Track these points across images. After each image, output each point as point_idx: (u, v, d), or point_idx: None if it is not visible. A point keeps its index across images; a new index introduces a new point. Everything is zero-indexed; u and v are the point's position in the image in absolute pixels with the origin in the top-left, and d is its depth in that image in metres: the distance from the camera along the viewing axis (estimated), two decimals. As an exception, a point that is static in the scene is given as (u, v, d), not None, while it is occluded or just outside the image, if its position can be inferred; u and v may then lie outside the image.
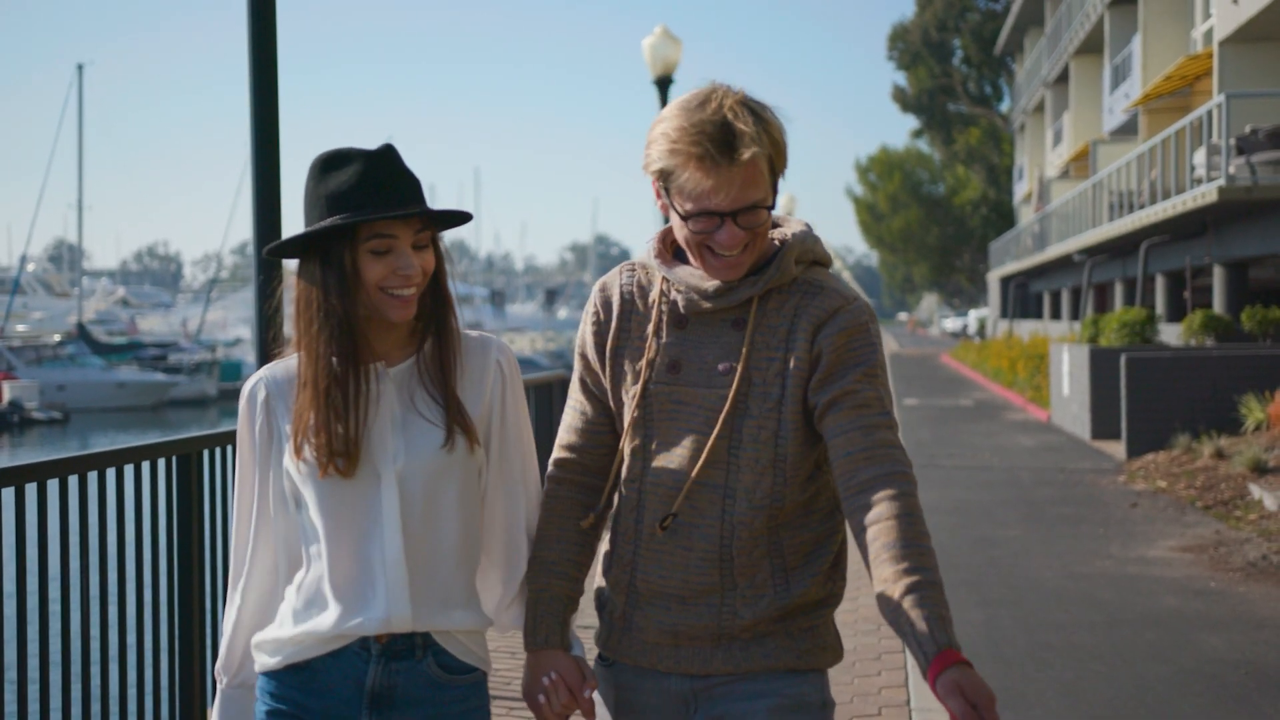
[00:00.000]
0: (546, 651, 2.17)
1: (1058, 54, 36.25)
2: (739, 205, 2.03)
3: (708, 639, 2.13)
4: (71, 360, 43.85)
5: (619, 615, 2.21)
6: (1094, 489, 11.57)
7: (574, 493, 2.26)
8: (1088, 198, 26.29)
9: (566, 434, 2.29)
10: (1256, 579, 7.53)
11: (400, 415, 2.17)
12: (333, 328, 2.12)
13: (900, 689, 5.24)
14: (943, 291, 79.08)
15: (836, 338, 2.08)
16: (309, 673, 2.17)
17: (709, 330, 2.13)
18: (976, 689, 1.78)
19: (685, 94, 2.10)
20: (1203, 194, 16.63)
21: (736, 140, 2.00)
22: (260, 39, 4.88)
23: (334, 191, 2.12)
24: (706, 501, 2.11)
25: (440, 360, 2.19)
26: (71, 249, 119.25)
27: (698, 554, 2.11)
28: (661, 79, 13.93)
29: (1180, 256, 20.26)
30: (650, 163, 2.09)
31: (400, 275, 2.12)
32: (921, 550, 1.95)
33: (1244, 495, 10.19)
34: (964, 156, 56.70)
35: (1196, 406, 13.23)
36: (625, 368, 2.19)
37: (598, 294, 2.26)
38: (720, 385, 2.10)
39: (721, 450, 2.10)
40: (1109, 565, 8.02)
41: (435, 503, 2.16)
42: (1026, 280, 40.38)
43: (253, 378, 2.26)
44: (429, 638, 2.16)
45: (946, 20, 54.11)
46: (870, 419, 2.05)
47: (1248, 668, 5.63)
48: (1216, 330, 15.28)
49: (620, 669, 2.22)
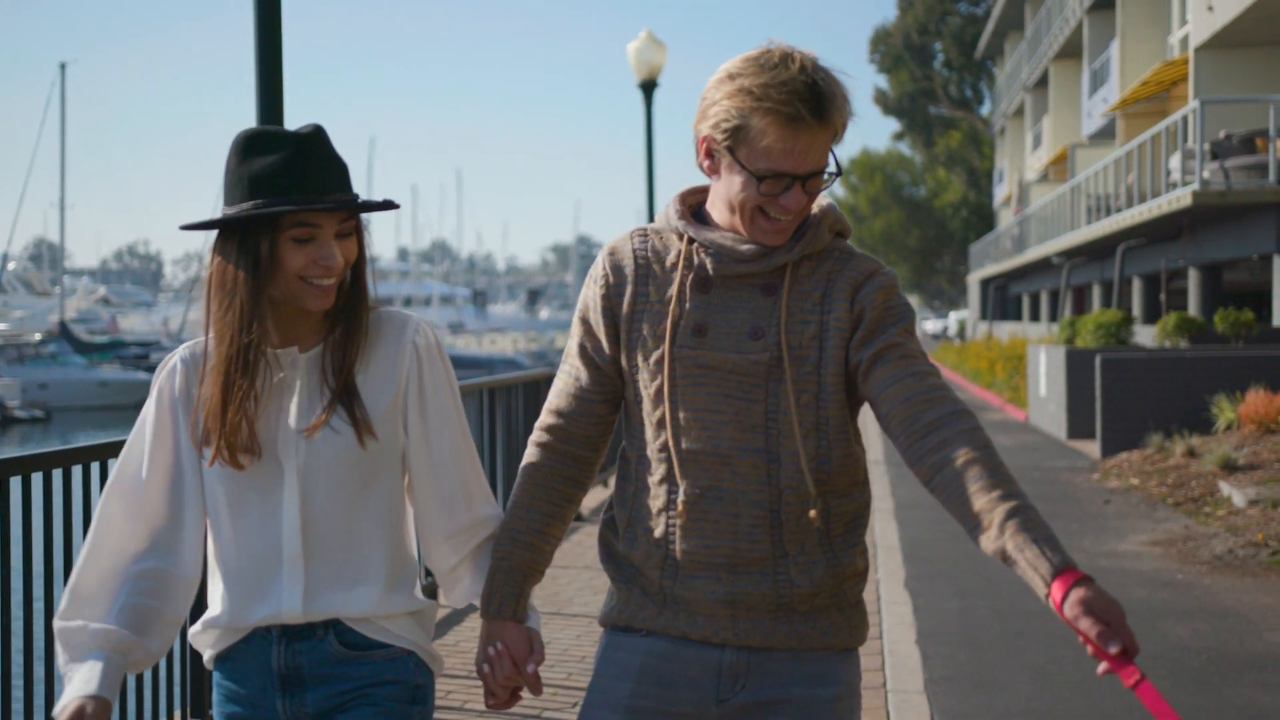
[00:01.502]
0: (498, 622, 2.15)
1: (1037, 58, 36.57)
2: (812, 169, 2.01)
3: (766, 609, 2.09)
4: (53, 359, 43.78)
5: (654, 590, 2.14)
6: (1069, 487, 11.82)
7: (555, 461, 2.21)
8: (1066, 201, 26.60)
9: (557, 399, 2.23)
10: (1222, 572, 7.78)
11: (306, 403, 2.12)
12: (244, 312, 2.05)
13: (877, 672, 5.46)
14: (923, 293, 79.43)
15: (876, 295, 2.07)
16: (231, 662, 2.17)
17: (735, 295, 2.09)
18: (1106, 606, 1.74)
19: (745, 54, 2.05)
20: (1177, 198, 16.92)
21: (827, 102, 1.98)
22: (266, 47, 4.98)
23: (257, 174, 2.04)
24: (750, 466, 2.06)
25: (344, 348, 2.13)
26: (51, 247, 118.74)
27: (746, 521, 2.07)
28: (646, 83, 14.13)
29: (1156, 259, 20.58)
30: (721, 119, 2.01)
31: (321, 265, 2.06)
32: (1012, 479, 1.93)
33: (1214, 492, 10.45)
34: (945, 159, 57.07)
35: (1170, 407, 13.49)
36: (644, 332, 2.12)
37: (607, 258, 2.19)
38: (751, 350, 2.06)
39: (759, 415, 2.06)
40: (1081, 558, 8.26)
41: (339, 492, 2.11)
42: (1006, 282, 40.72)
43: (171, 355, 2.19)
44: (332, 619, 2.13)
45: (928, 24, 54.45)
46: (920, 367, 2.04)
47: (1209, 654, 5.87)
48: (1190, 332, 15.55)
49: (655, 639, 2.14)
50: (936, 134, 57.01)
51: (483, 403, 7.75)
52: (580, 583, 7.16)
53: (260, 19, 4.97)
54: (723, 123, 2.01)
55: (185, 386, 2.15)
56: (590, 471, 2.24)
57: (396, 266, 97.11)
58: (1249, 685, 5.38)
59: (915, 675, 5.46)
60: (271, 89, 5.01)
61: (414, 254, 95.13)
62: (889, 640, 6.01)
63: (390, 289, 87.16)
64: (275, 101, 5.02)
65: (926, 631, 6.22)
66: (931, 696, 5.19)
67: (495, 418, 7.91)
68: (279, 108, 5.04)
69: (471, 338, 71.49)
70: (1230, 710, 5.07)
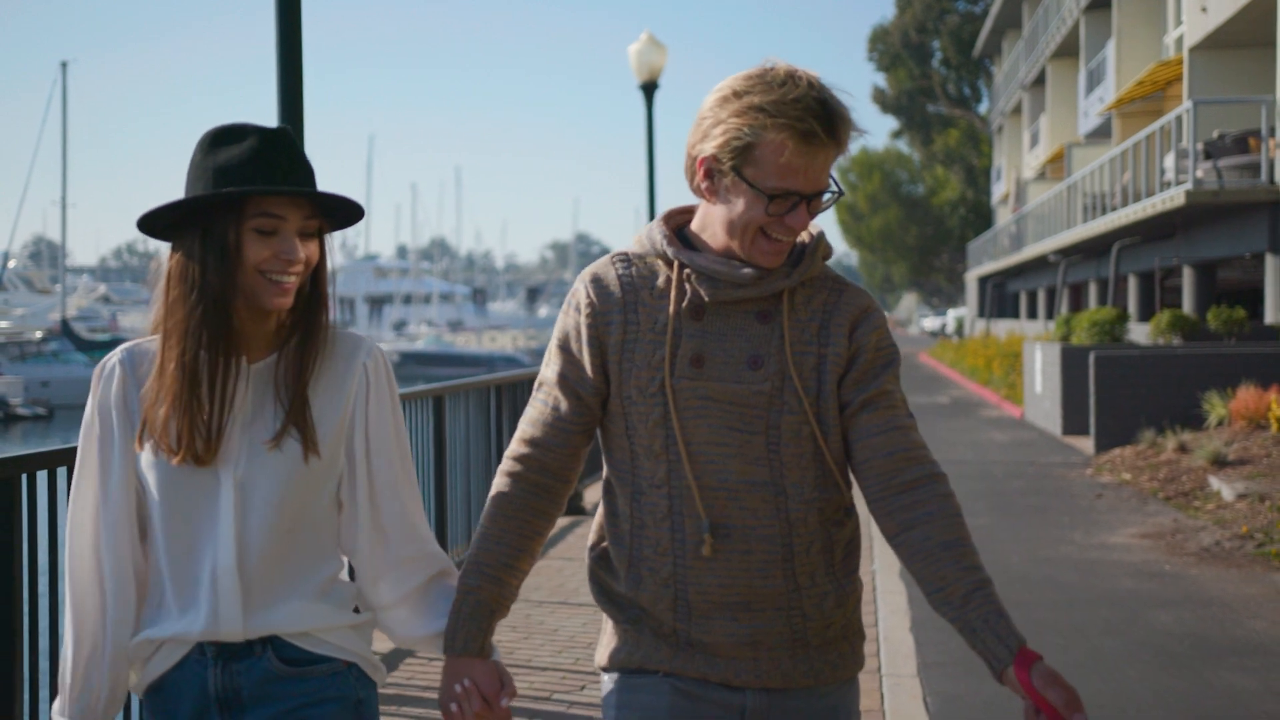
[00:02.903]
0: (464, 659, 2.06)
1: (1035, 57, 36.77)
2: (819, 187, 2.00)
3: (784, 647, 2.08)
4: (55, 357, 43.93)
5: (668, 632, 2.08)
6: (1062, 481, 12.05)
7: (527, 492, 2.12)
8: (1063, 199, 26.82)
9: (531, 428, 2.14)
10: (1208, 563, 8.01)
11: (250, 416, 2.05)
12: (206, 308, 1.99)
13: (873, 658, 5.68)
14: (922, 291, 79.67)
15: (871, 337, 2.07)
16: (161, 695, 2.09)
17: (731, 322, 2.05)
18: (1065, 681, 1.86)
19: (745, 72, 2.02)
20: (1171, 197, 17.14)
21: (839, 120, 1.97)
22: (287, 46, 5.09)
23: (223, 165, 2.00)
24: (759, 501, 2.03)
25: (300, 360, 2.06)
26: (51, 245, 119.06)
27: (759, 557, 2.04)
28: (647, 84, 14.33)
29: (1151, 258, 20.80)
30: (730, 137, 1.97)
31: (283, 259, 2.00)
32: (975, 550, 1.99)
33: (1203, 487, 10.68)
34: (943, 157, 57.30)
35: (1162, 403, 13.73)
36: (637, 362, 2.05)
37: (591, 285, 2.10)
38: (751, 381, 2.03)
39: (761, 447, 2.03)
40: (1071, 551, 8.50)
41: (277, 510, 2.04)
42: (1003, 280, 40.93)
43: (109, 358, 2.09)
44: (270, 635, 2.06)
45: (926, 22, 54.67)
46: (903, 420, 2.06)
47: (1192, 640, 6.10)
48: (1183, 329, 15.77)
49: (677, 680, 2.09)
50: (935, 132, 57.25)
51: (489, 400, 7.97)
52: (585, 574, 7.36)
53: (282, 21, 5.11)
54: (731, 141, 1.97)
55: (123, 391, 2.07)
56: (560, 503, 2.16)
57: (396, 264, 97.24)
58: (1229, 669, 5.61)
59: (909, 660, 5.69)
60: (292, 89, 5.13)
61: (413, 251, 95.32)
62: (884, 628, 6.23)
63: (390, 286, 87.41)
64: (295, 101, 5.14)
65: (920, 620, 6.44)
66: (924, 680, 5.41)
67: (502, 414, 8.12)
68: (299, 107, 5.15)
69: (471, 335, 71.62)
70: (1210, 692, 5.29)
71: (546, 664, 5.46)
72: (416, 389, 6.82)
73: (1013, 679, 1.88)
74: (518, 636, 5.95)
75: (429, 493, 6.86)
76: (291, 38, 5.15)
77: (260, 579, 2.04)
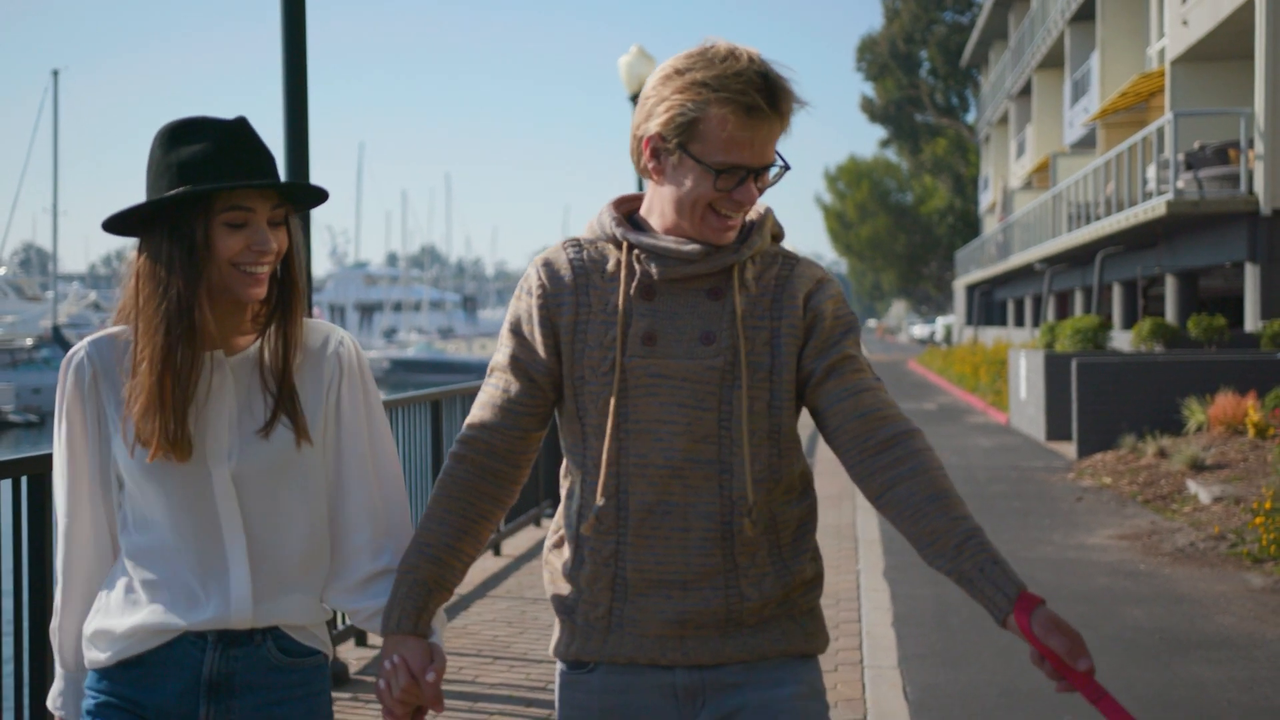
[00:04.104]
0: (398, 636, 2.04)
1: (1021, 68, 37.08)
2: (766, 161, 2.00)
3: (715, 626, 2.04)
4: (46, 364, 43.95)
5: (601, 614, 2.07)
6: (1044, 485, 12.31)
7: (471, 474, 2.10)
8: (1048, 208, 27.11)
9: (481, 411, 2.13)
10: (1182, 562, 8.27)
11: (236, 410, 2.06)
12: (176, 306, 1.98)
13: (855, 651, 5.92)
14: (911, 299, 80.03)
15: (827, 304, 2.07)
16: (141, 668, 2.06)
17: (681, 300, 2.04)
18: (1069, 626, 1.83)
19: (687, 51, 2.03)
20: (1153, 207, 17.43)
21: (781, 92, 1.97)
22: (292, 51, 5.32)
23: (186, 160, 1.99)
24: (702, 478, 2.01)
25: (282, 349, 2.07)
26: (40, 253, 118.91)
27: (697, 534, 2.02)
28: (636, 95, 14.59)
29: (1134, 266, 21.10)
30: (674, 114, 1.98)
31: (255, 250, 2.00)
32: (960, 499, 1.96)
33: (1181, 490, 10.94)
34: (931, 166, 57.64)
35: (1143, 409, 13.99)
36: (589, 342, 2.05)
37: (542, 269, 2.11)
38: (703, 356, 2.02)
39: (712, 424, 2.01)
40: (1050, 550, 8.75)
41: (274, 500, 2.07)
42: (991, 288, 41.25)
43: (76, 350, 2.09)
44: (273, 625, 2.09)
45: (914, 32, 55.03)
46: (870, 381, 2.05)
47: (1161, 634, 6.36)
48: (1165, 337, 16.05)
49: (605, 671, 2.08)
50: (923, 141, 57.59)
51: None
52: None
53: (287, 30, 5.33)
54: (676, 118, 1.97)
55: (94, 382, 2.07)
56: (511, 489, 2.13)
57: (386, 271, 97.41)
58: (1195, 661, 5.86)
59: (890, 653, 5.93)
60: (297, 97, 5.35)
61: (403, 259, 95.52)
62: (868, 623, 6.47)
63: (380, 294, 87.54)
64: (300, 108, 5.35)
65: (902, 615, 6.68)
66: (905, 671, 5.65)
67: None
68: (303, 114, 5.36)
69: (461, 342, 71.81)
70: (1176, 682, 5.54)
71: (541, 657, 5.68)
72: (414, 394, 7.05)
73: (1014, 626, 1.85)
74: (513, 631, 6.17)
75: (425, 494, 7.09)
76: (296, 46, 5.34)
77: (267, 568, 2.06)
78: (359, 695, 5.12)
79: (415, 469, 6.91)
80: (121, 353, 2.06)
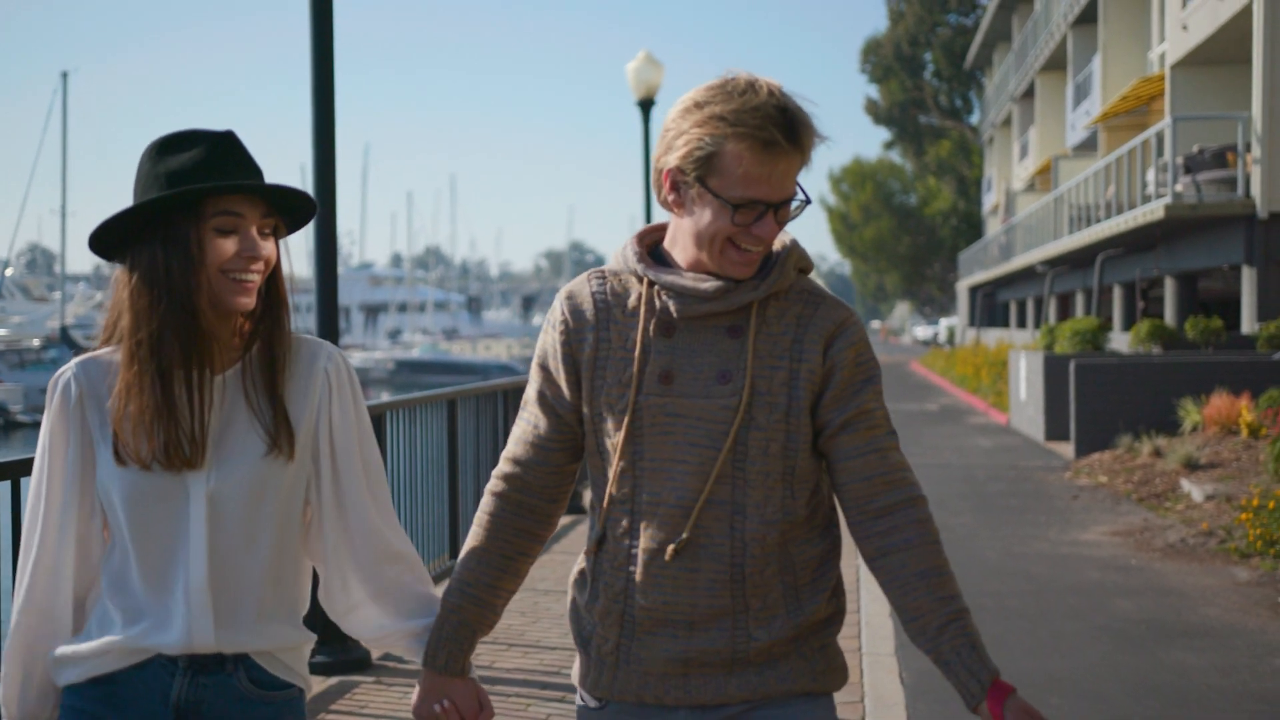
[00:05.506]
0: (444, 677, 2.09)
1: (1024, 70, 37.27)
2: (785, 196, 1.98)
3: (720, 665, 2.02)
4: (54, 364, 44.15)
5: (610, 649, 2.07)
6: (1041, 484, 12.59)
7: (511, 512, 2.13)
8: (1050, 211, 27.34)
9: (515, 447, 2.15)
10: (1172, 558, 8.55)
11: (220, 427, 2.03)
12: (176, 313, 1.97)
13: (854, 639, 6.18)
14: (914, 300, 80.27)
15: (848, 352, 2.03)
16: (111, 686, 2.04)
17: (700, 338, 2.02)
18: (1039, 712, 1.87)
19: (708, 83, 2.01)
20: (1151, 210, 17.67)
21: (800, 126, 1.96)
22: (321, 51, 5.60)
23: (175, 169, 1.98)
24: (713, 519, 1.99)
25: (270, 362, 2.05)
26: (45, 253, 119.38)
27: (706, 575, 2.00)
28: (644, 101, 14.85)
29: (1133, 269, 21.34)
30: (692, 148, 1.96)
31: (246, 256, 1.99)
32: (952, 578, 1.98)
33: (1175, 489, 11.21)
34: (935, 168, 57.89)
35: (1140, 409, 14.25)
36: (608, 379, 2.05)
37: (565, 302, 2.11)
38: (720, 395, 1.99)
39: (726, 464, 1.99)
40: (1045, 546, 9.03)
41: (250, 520, 2.03)
42: (994, 290, 41.44)
43: (62, 372, 2.06)
44: (242, 653, 2.06)
45: (918, 35, 55.26)
46: (883, 440, 2.03)
47: (1149, 624, 6.63)
48: (1162, 338, 16.29)
49: (615, 710, 2.09)
50: (927, 143, 57.83)
51: (497, 405, 8.46)
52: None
53: (316, 30, 5.62)
54: (694, 152, 1.96)
55: (80, 406, 2.04)
56: (548, 524, 2.17)
57: (391, 273, 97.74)
58: (1180, 649, 6.14)
59: (888, 640, 6.19)
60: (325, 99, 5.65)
61: (408, 260, 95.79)
62: (866, 612, 6.74)
63: (385, 295, 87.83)
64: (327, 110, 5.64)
65: (900, 607, 6.94)
66: (902, 658, 5.92)
67: (509, 419, 8.61)
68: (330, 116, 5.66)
69: (466, 343, 72.10)
70: (1160, 669, 5.82)
71: (555, 644, 5.96)
72: (430, 393, 7.32)
73: (985, 714, 1.90)
74: (526, 620, 6.44)
75: (443, 491, 7.36)
76: (324, 46, 5.65)
77: (233, 593, 2.03)
78: (382, 679, 5.39)
79: (432, 468, 7.18)
80: (108, 374, 2.04)
